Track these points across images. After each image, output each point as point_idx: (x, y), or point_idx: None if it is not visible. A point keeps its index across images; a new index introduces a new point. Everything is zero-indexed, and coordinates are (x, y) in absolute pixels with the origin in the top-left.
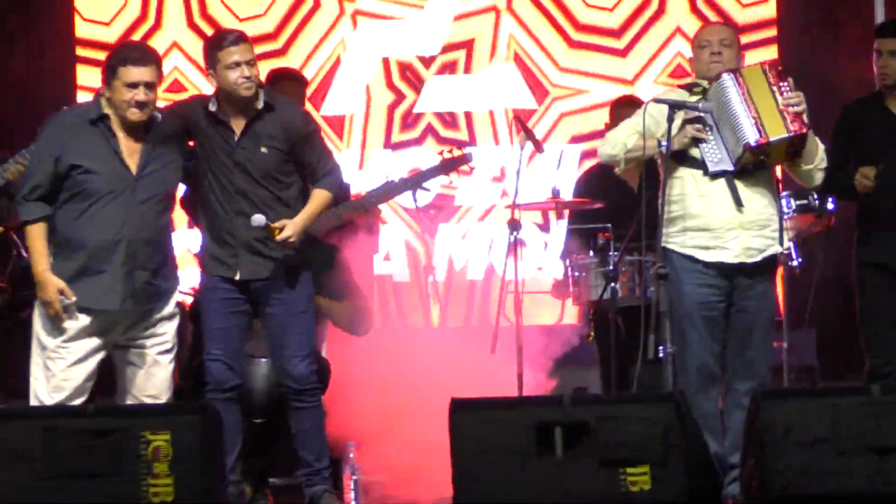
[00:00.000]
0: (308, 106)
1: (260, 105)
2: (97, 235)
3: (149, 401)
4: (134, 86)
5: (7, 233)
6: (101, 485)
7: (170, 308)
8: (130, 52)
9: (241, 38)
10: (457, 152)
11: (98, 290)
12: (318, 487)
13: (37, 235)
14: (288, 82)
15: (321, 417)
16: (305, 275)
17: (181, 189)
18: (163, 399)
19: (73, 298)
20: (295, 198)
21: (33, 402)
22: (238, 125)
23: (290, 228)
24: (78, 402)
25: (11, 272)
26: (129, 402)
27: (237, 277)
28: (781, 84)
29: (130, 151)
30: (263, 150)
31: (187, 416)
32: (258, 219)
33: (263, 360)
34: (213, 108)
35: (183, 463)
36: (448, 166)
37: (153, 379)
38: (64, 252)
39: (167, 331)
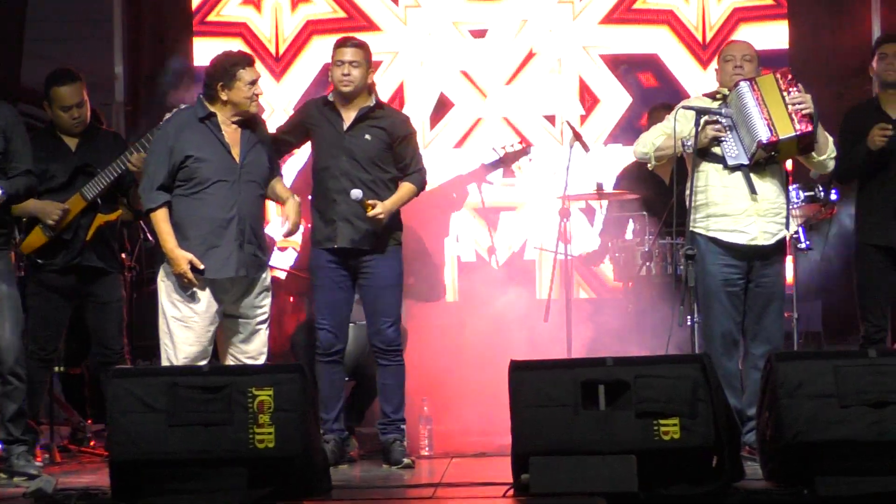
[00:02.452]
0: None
1: (371, 103)
2: (213, 214)
3: (249, 361)
4: (254, 83)
5: (138, 220)
6: (215, 431)
7: (267, 280)
8: (243, 57)
9: (354, 43)
10: (517, 146)
11: (216, 262)
12: (391, 435)
13: (162, 219)
14: None
15: (402, 375)
16: (396, 253)
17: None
18: (260, 360)
19: (202, 266)
20: (388, 184)
21: (165, 364)
22: (348, 116)
23: (380, 207)
24: (202, 363)
25: (139, 254)
26: (230, 361)
27: (336, 245)
28: (791, 89)
29: (233, 143)
30: (367, 137)
31: (286, 375)
32: (356, 193)
33: (351, 324)
34: (331, 98)
35: (282, 414)
36: (510, 159)
37: (252, 343)
38: (183, 231)
39: (266, 303)
